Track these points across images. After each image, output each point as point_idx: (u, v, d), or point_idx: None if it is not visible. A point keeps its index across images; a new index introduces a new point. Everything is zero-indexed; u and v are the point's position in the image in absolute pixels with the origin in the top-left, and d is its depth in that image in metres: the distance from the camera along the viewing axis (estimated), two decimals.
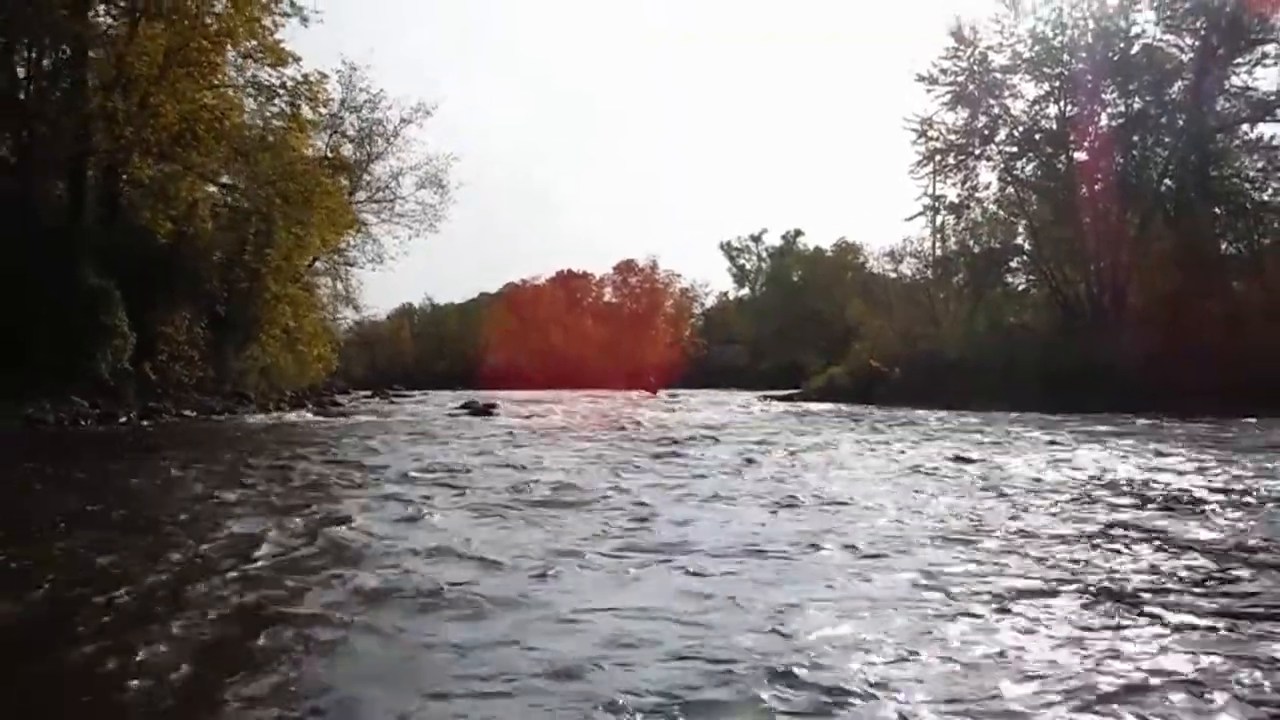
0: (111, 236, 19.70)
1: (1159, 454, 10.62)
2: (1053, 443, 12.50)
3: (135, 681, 2.86)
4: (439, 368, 68.21)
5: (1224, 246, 29.73)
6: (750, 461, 9.81)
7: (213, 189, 24.43)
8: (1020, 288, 34.76)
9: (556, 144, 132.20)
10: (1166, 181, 30.28)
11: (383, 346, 71.62)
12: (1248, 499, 6.86)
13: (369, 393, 37.62)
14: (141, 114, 19.94)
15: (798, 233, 78.76)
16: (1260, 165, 29.39)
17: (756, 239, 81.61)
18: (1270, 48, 28.27)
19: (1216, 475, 8.35)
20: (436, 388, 51.09)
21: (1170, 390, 21.05)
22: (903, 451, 10.97)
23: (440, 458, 10.26)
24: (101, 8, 20.96)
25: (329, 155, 30.15)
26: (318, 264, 31.31)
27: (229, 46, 21.59)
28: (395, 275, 66.95)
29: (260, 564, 4.58)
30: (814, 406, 28.56)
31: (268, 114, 23.94)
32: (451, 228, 74.04)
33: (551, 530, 5.53)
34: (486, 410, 23.04)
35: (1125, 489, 7.46)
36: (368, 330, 63.34)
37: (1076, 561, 4.64)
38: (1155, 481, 7.94)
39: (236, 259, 24.05)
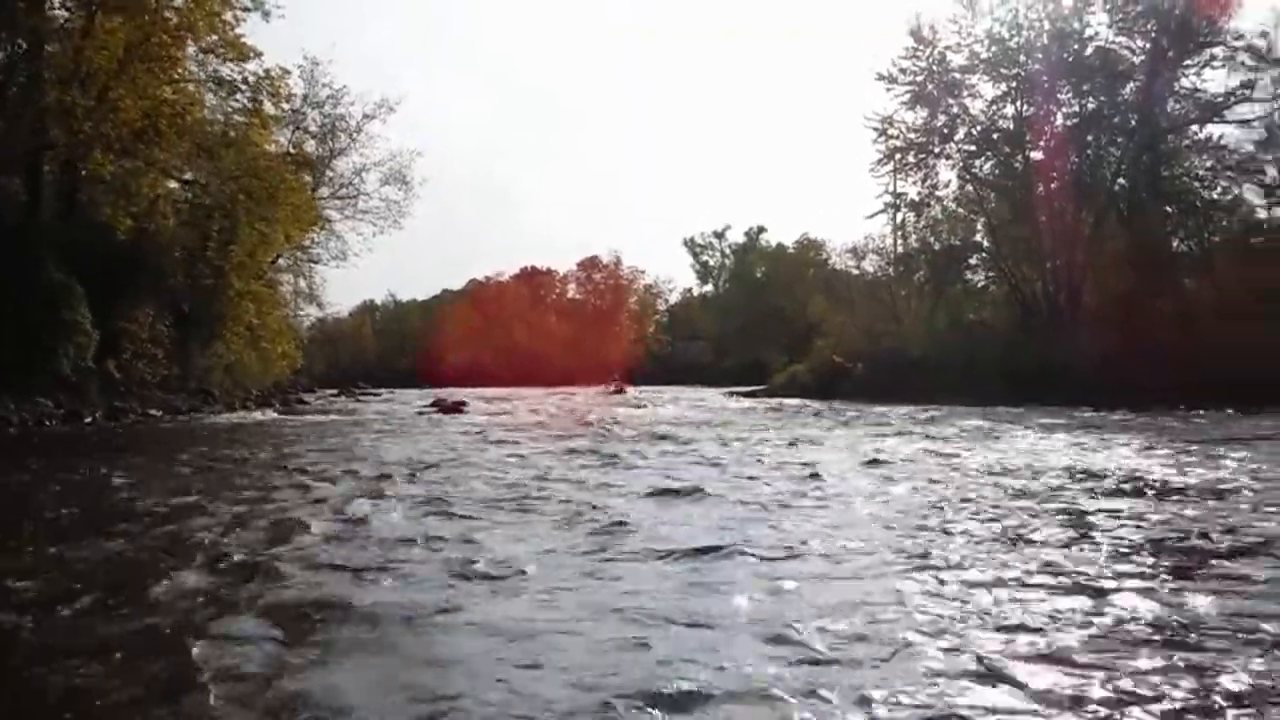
0: (72, 233, 19.46)
1: (1109, 445, 10.98)
2: (1009, 435, 12.86)
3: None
4: (402, 365, 67.81)
5: (1175, 245, 30.46)
6: (720, 462, 10.00)
7: (175, 185, 24.18)
8: (980, 285, 35.38)
9: (519, 140, 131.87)
10: (1120, 181, 30.98)
11: (345, 344, 71.10)
12: (1196, 487, 7.19)
13: (334, 391, 37.39)
14: (100, 109, 19.69)
15: (761, 229, 79.35)
16: (1209, 165, 30.12)
17: (720, 235, 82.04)
18: (1218, 50, 29.01)
19: (1169, 466, 8.69)
20: (401, 385, 50.84)
21: (1125, 387, 21.59)
22: (880, 450, 11.21)
23: (416, 457, 10.32)
24: (58, 1, 20.68)
25: (291, 151, 29.93)
26: (281, 261, 31.08)
27: (189, 41, 21.39)
28: (357, 272, 66.62)
29: (226, 565, 4.67)
30: (778, 402, 28.90)
31: (229, 109, 23.77)
32: (414, 224, 73.59)
33: (531, 530, 5.65)
34: (456, 408, 23.06)
35: (1083, 477, 7.75)
36: (330, 327, 62.86)
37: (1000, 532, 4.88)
38: (1109, 470, 8.26)
39: (200, 255, 23.84)
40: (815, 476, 7.93)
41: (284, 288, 33.48)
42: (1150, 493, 6.87)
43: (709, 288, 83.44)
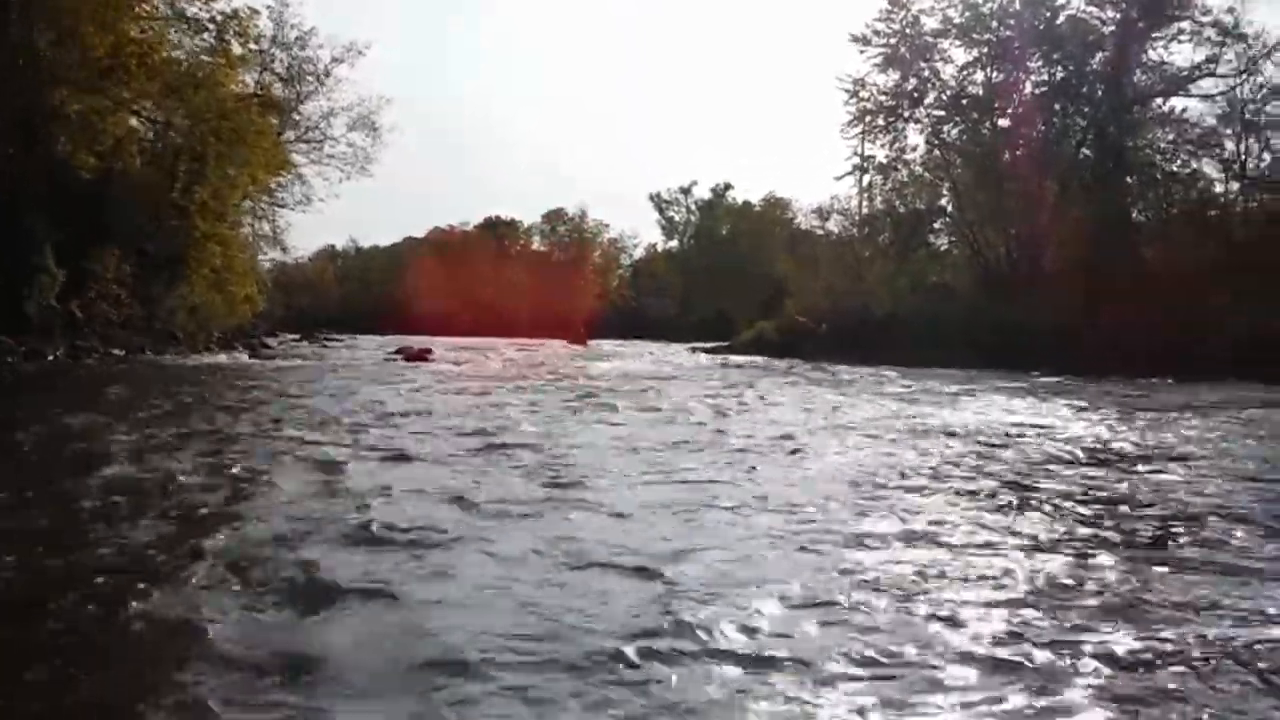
0: (36, 173, 19.18)
1: (1057, 410, 11.47)
2: (968, 396, 13.33)
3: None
4: (365, 312, 67.26)
5: (1135, 215, 31.14)
6: (687, 411, 10.31)
7: (140, 125, 23.82)
8: (943, 248, 35.94)
9: (482, 91, 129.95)
10: (1084, 150, 31.51)
11: (306, 289, 70.35)
12: (1135, 454, 7.63)
13: (297, 336, 37.18)
14: (63, 46, 19.34)
15: (727, 186, 79.25)
16: (1171, 138, 30.76)
17: (686, 191, 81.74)
18: (1186, 24, 29.50)
19: (1121, 432, 9.16)
20: (363, 332, 50.57)
21: (1083, 353, 22.25)
22: (836, 408, 11.59)
23: (385, 405, 10.41)
24: None
25: (259, 93, 29.45)
26: (245, 204, 30.75)
27: None
28: (318, 216, 65.51)
29: (199, 502, 4.91)
30: (742, 359, 29.34)
31: (196, 48, 23.37)
32: (376, 170, 72.50)
33: (491, 477, 5.90)
34: (421, 356, 23.18)
35: (1030, 440, 8.17)
36: (292, 271, 62.15)
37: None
38: (1055, 434, 8.69)
39: (165, 197, 23.56)
40: (785, 438, 8.20)
41: (246, 230, 33.11)
42: (1085, 456, 7.30)
43: (674, 244, 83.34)
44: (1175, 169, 30.74)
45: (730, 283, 65.70)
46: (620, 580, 3.57)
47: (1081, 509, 5.13)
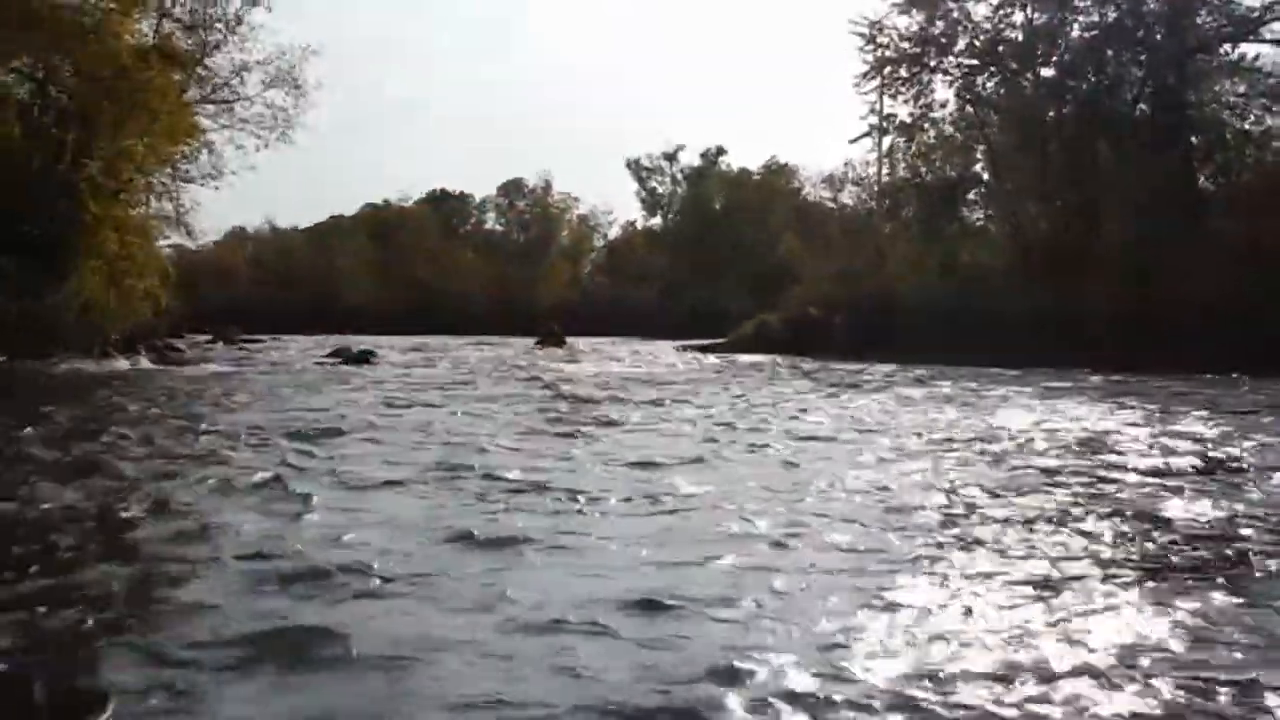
0: None
1: (1118, 414, 11.71)
2: (1021, 399, 13.58)
3: None
4: (286, 307, 66.90)
5: (1201, 181, 31.34)
6: (711, 438, 10.40)
7: (13, 82, 23.66)
8: (977, 224, 36.28)
9: (427, 39, 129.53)
10: (1140, 106, 31.75)
11: (212, 279, 69.83)
12: (1246, 473, 7.85)
13: (208, 337, 37.04)
14: None
15: (720, 151, 79.36)
16: (1241, 90, 30.92)
17: (671, 157, 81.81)
18: None
19: (1207, 443, 9.36)
20: (286, 331, 50.32)
21: (1142, 347, 22.60)
22: (884, 422, 11.79)
23: (329, 421, 10.50)
24: None
25: (157, 44, 29.29)
26: (146, 179, 30.55)
27: None
28: (228, 193, 65.03)
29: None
30: (744, 358, 29.61)
31: None
32: (300, 136, 72.05)
33: (454, 506, 6.05)
34: (364, 359, 23.26)
35: (1090, 464, 8.37)
36: (197, 260, 61.78)
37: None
38: (1120, 452, 8.90)
39: (50, 172, 23.41)
40: (791, 465, 7.98)
41: (144, 209, 32.86)
42: (1190, 472, 7.45)
43: (657, 220, 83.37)
44: (1247, 126, 31.00)
45: (725, 267, 66.04)
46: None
47: (1222, 546, 5.07)
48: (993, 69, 33.75)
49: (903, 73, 34.21)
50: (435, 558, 4.66)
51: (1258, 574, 4.49)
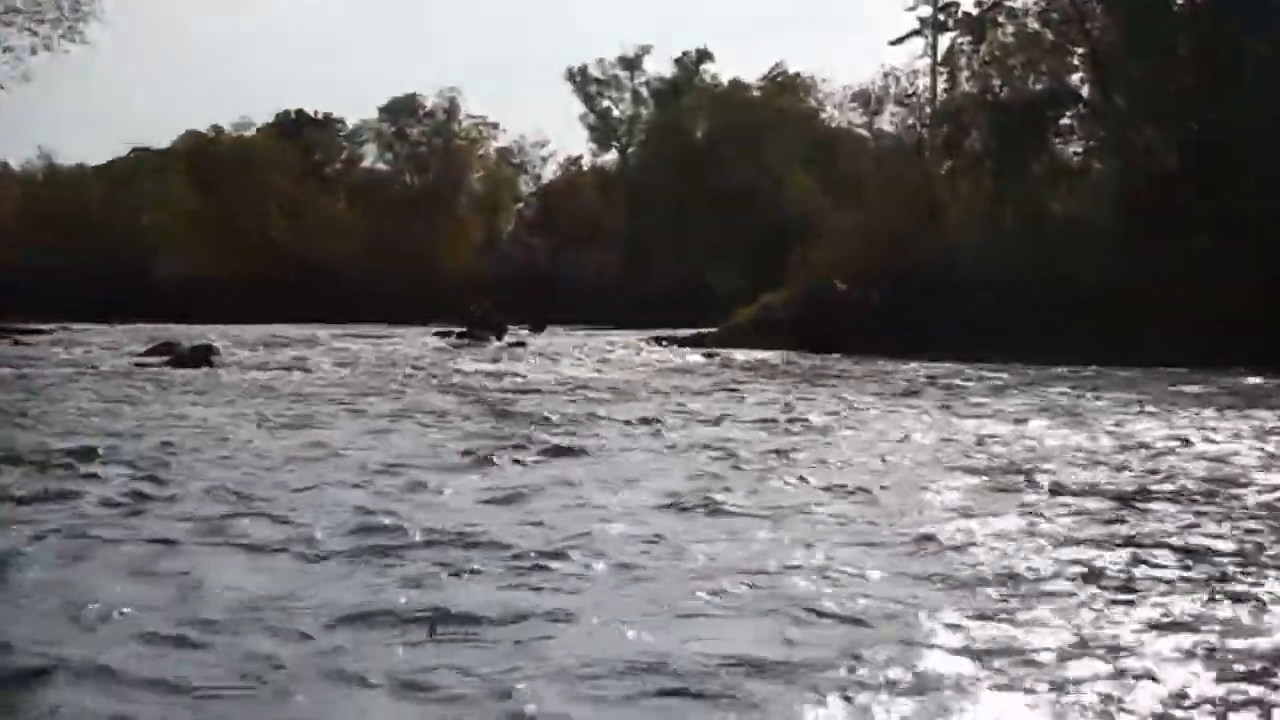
0: None
1: None
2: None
3: None
4: (77, 282, 65.83)
5: None
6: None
7: None
8: (1075, 158, 36.47)
9: None
10: None
11: None
12: None
13: None
14: None
15: (702, 56, 78.70)
16: None
17: (631, 65, 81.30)
18: None
19: None
20: (85, 317, 49.67)
21: None
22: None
23: (175, 453, 10.50)
24: None
25: None
26: None
27: None
28: None
29: None
30: (743, 355, 29.79)
31: None
32: (91, 33, 70.99)
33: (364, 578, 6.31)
34: (203, 360, 23.49)
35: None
36: None
37: None
38: None
39: None
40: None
41: None
42: None
43: (612, 156, 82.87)
44: None
45: (711, 224, 65.78)
46: None
47: None
48: None
49: None
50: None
51: None
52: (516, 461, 10.47)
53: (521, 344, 35.15)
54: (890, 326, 31.06)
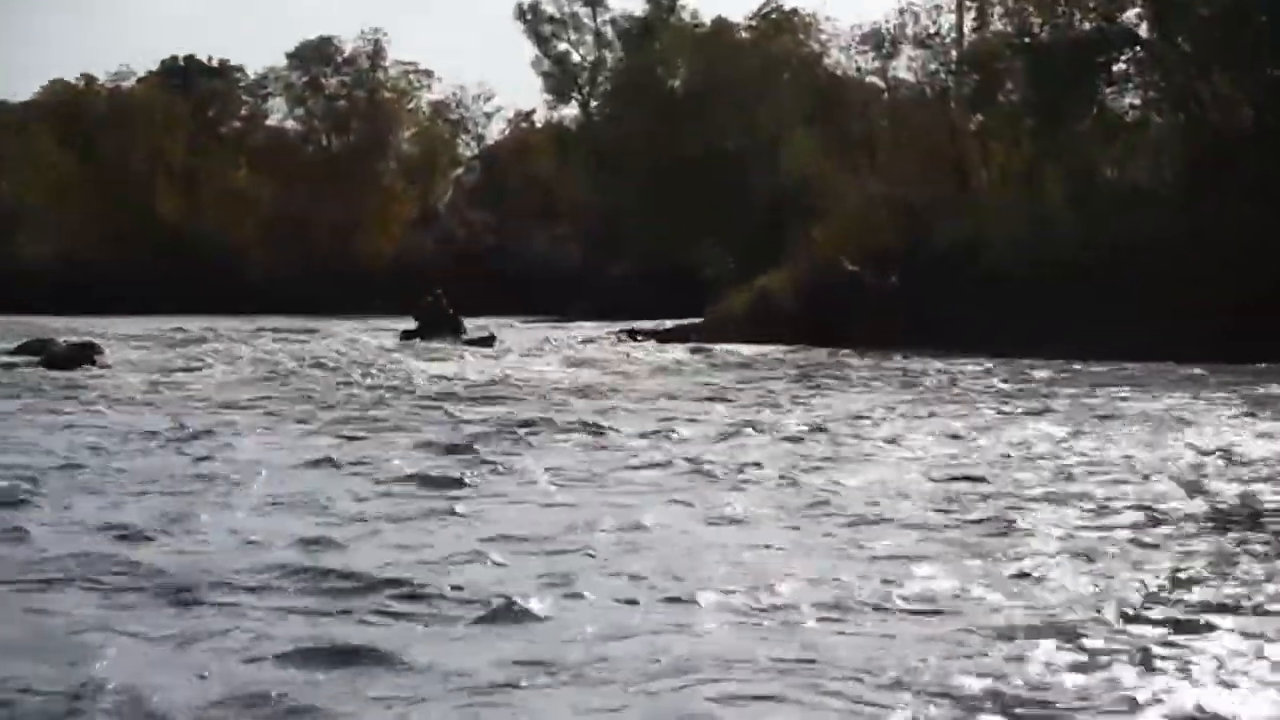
0: None
1: None
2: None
3: None
4: None
5: None
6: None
7: None
8: (1128, 111, 36.61)
9: None
10: None
11: None
12: None
13: None
14: None
15: None
16: None
17: (593, 1, 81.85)
18: None
19: None
20: None
21: None
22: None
23: (43, 475, 10.44)
24: None
25: None
26: None
27: None
28: None
29: None
30: (739, 352, 29.67)
31: None
32: None
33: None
34: (82, 359, 23.45)
35: None
36: None
37: None
38: None
39: None
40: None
41: None
42: None
43: (571, 110, 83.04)
44: None
45: (692, 194, 65.70)
46: None
47: None
48: None
49: None
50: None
51: None
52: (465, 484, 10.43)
53: (489, 340, 34.65)
54: (910, 315, 31.13)
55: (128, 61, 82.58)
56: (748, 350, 29.85)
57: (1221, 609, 6.66)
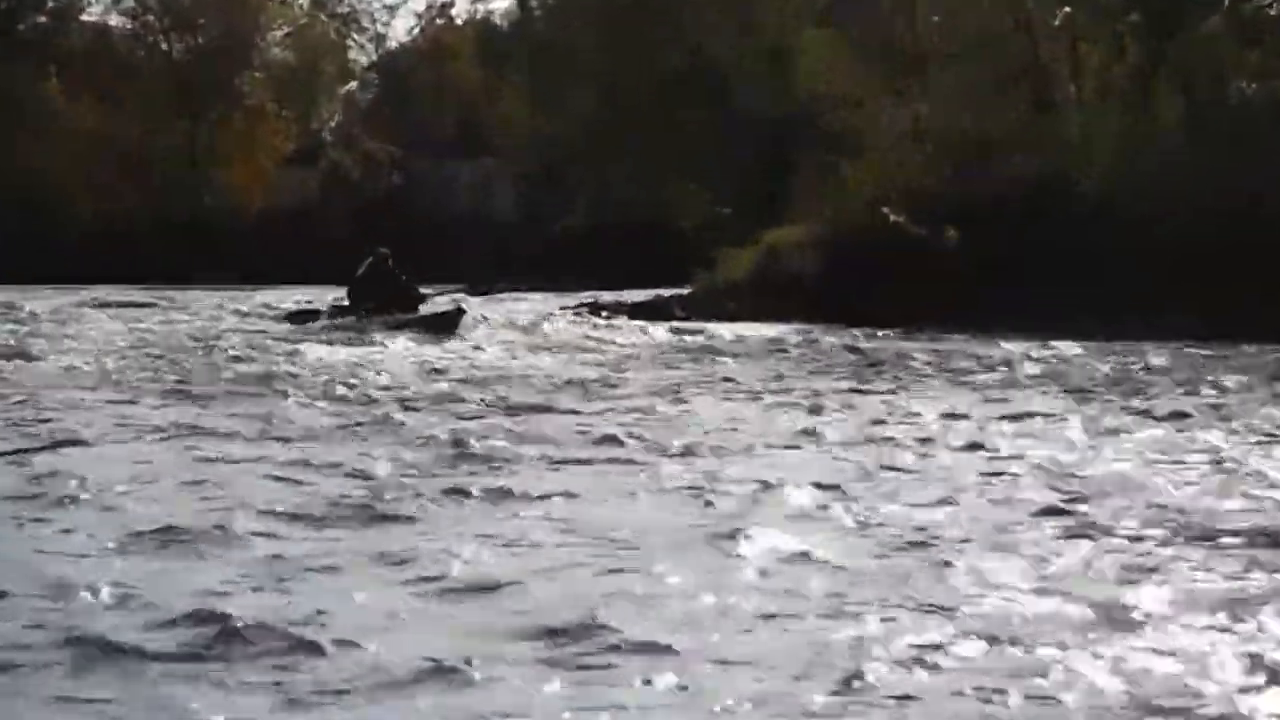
0: None
1: None
2: None
3: None
4: None
5: None
6: None
7: None
8: (1273, 4, 36.85)
9: None
10: None
11: None
12: None
13: None
14: None
15: None
16: None
17: None
18: None
19: None
20: None
21: None
22: None
23: None
24: None
25: None
26: None
27: None
28: None
29: None
30: (739, 332, 29.93)
31: None
32: None
33: None
34: None
35: None
36: None
37: None
38: None
39: None
40: None
41: None
42: None
43: (502, 2, 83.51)
44: None
45: (671, 120, 65.70)
46: None
47: None
48: None
49: None
50: None
51: None
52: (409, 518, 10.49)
53: (451, 321, 31.88)
54: (976, 282, 31.14)
55: None
56: (754, 330, 30.01)
57: None
